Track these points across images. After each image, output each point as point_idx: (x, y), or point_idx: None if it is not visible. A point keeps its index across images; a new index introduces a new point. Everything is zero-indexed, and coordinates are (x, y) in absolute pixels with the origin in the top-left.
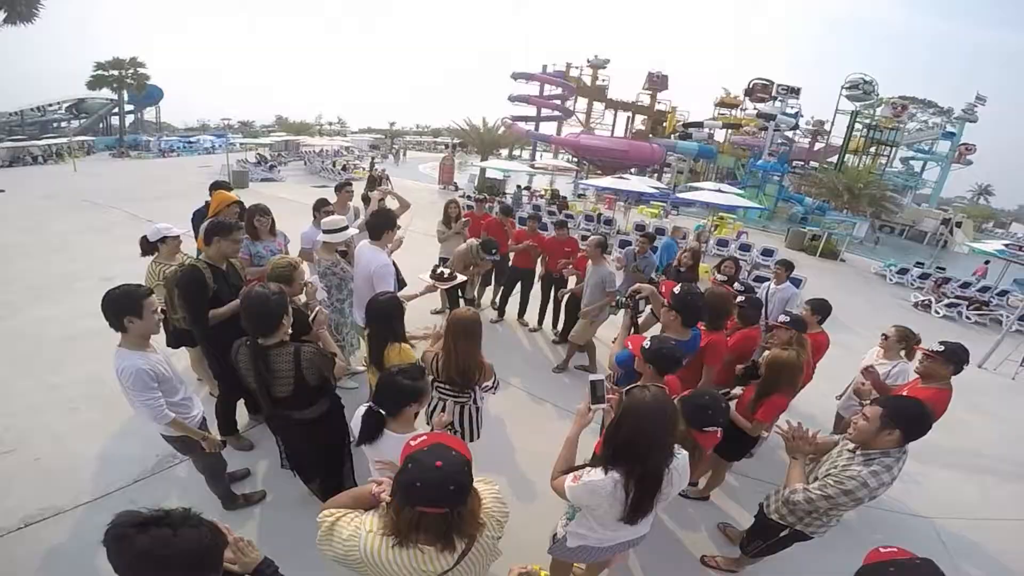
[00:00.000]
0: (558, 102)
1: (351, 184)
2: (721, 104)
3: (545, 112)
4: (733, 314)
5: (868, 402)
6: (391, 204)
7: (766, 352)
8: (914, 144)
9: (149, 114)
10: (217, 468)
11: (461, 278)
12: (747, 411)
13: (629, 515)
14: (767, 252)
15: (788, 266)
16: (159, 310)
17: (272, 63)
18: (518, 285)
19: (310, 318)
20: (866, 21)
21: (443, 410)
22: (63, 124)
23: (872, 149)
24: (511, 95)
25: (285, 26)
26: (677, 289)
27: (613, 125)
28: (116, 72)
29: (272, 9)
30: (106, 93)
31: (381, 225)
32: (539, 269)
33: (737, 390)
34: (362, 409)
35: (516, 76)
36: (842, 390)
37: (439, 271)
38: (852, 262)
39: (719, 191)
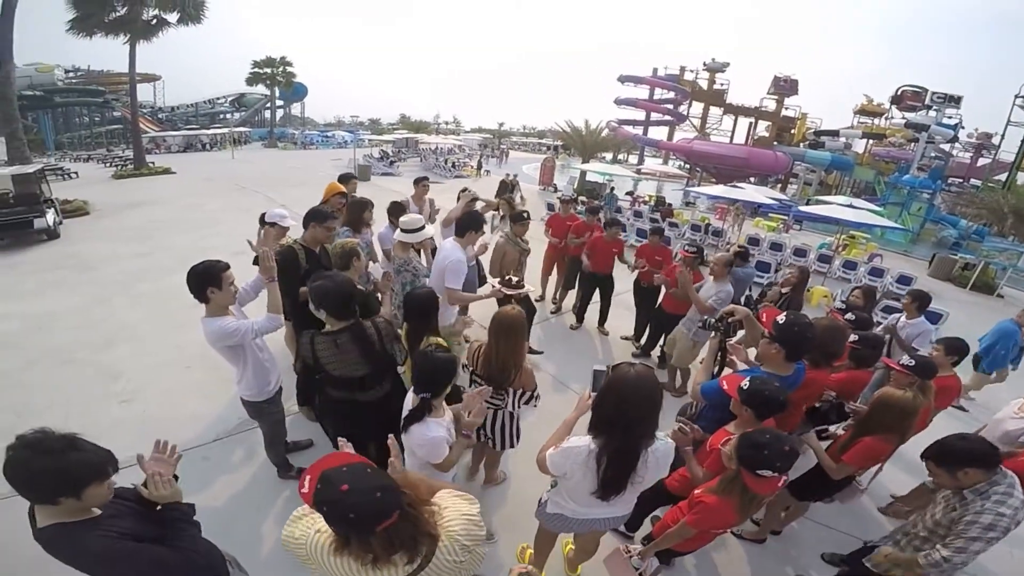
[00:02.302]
0: (670, 106)
1: (428, 178)
2: (861, 112)
3: (655, 116)
4: (844, 353)
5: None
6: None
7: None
8: None
9: (296, 109)
10: (277, 435)
11: (529, 287)
12: (837, 451)
13: (600, 489)
14: (904, 280)
15: (921, 298)
16: (234, 282)
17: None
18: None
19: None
20: None
21: (486, 419)
22: (227, 116)
23: None
24: (618, 98)
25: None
26: (782, 319)
27: (733, 131)
28: (269, 70)
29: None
30: (261, 89)
31: (467, 225)
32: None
33: (835, 428)
34: (410, 396)
35: (623, 79)
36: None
37: (508, 278)
38: (1013, 299)
39: (850, 206)
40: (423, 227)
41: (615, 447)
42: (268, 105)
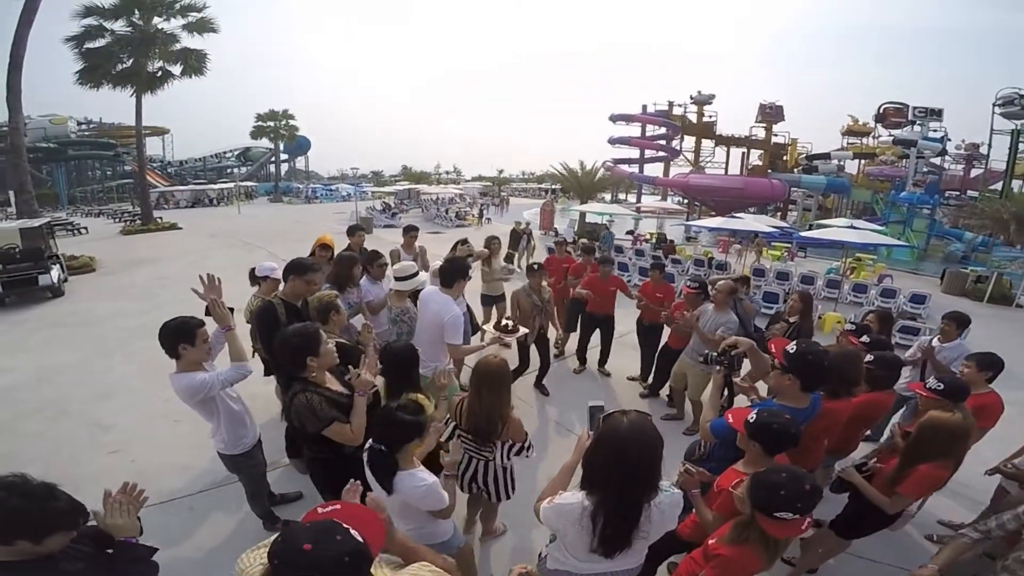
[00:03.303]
0: (663, 142)
1: (416, 228)
2: (849, 132)
3: (649, 153)
4: (862, 381)
5: None
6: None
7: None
8: None
9: (300, 163)
10: (259, 488)
11: (523, 330)
12: (887, 484)
13: (600, 547)
14: (917, 298)
15: (960, 321)
16: (208, 339)
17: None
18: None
19: (351, 377)
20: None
21: (468, 468)
22: (234, 170)
23: None
24: (611, 138)
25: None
26: (792, 347)
27: (727, 162)
28: (272, 123)
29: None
30: (265, 142)
31: (453, 274)
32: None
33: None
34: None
35: (615, 118)
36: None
37: (503, 323)
38: None
39: (851, 227)
40: (416, 274)
41: (611, 505)
42: (272, 159)
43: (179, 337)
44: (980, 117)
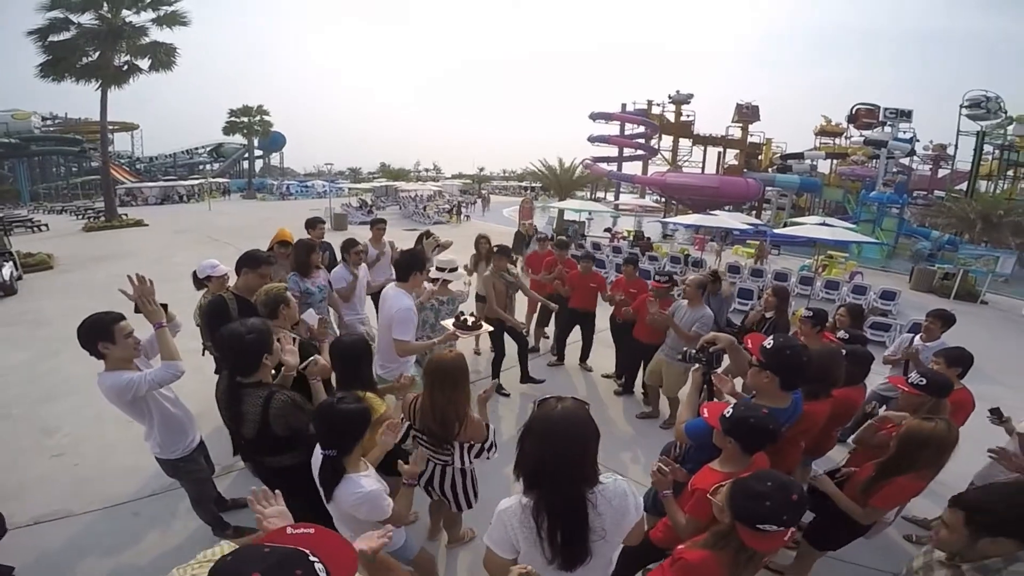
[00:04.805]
0: (641, 141)
1: (384, 221)
2: (821, 132)
3: (628, 151)
4: (842, 380)
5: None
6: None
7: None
8: None
9: (275, 159)
10: (203, 494)
11: (487, 327)
12: (860, 492)
13: (554, 554)
14: (888, 295)
15: (945, 319)
16: (132, 333)
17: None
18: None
19: (304, 366)
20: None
21: (433, 474)
22: (206, 166)
23: (1010, 172)
24: (591, 136)
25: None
26: (770, 342)
27: (703, 161)
28: (245, 119)
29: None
30: (239, 138)
31: (408, 266)
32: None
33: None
34: (318, 456)
35: (595, 116)
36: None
37: (463, 319)
38: (996, 304)
39: (825, 225)
40: (456, 268)
41: (550, 501)
42: (246, 155)
43: (95, 335)
44: (947, 119)
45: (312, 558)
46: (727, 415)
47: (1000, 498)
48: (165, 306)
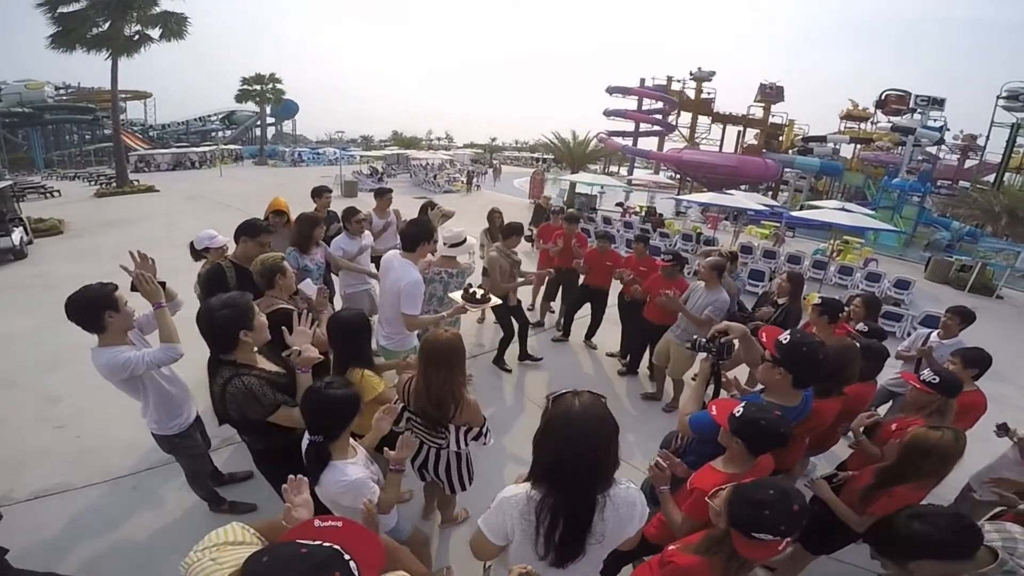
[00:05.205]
0: (659, 116)
1: (391, 190)
2: (847, 117)
3: (644, 127)
4: (856, 378)
5: None
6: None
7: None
8: None
9: (288, 126)
10: (199, 470)
11: (496, 300)
12: (858, 499)
13: (548, 550)
14: (902, 284)
15: (965, 316)
16: (127, 303)
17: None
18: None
19: (289, 353)
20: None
21: (418, 454)
22: (218, 133)
23: None
24: (606, 109)
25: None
26: (786, 337)
27: (722, 140)
28: (258, 87)
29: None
30: (251, 106)
31: (416, 237)
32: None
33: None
34: (305, 443)
35: (612, 90)
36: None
37: (471, 291)
38: (1012, 299)
39: (843, 210)
40: (464, 240)
41: (560, 501)
42: (258, 123)
43: (103, 305)
44: (984, 109)
45: (346, 556)
46: (737, 415)
47: (904, 525)
48: (163, 284)
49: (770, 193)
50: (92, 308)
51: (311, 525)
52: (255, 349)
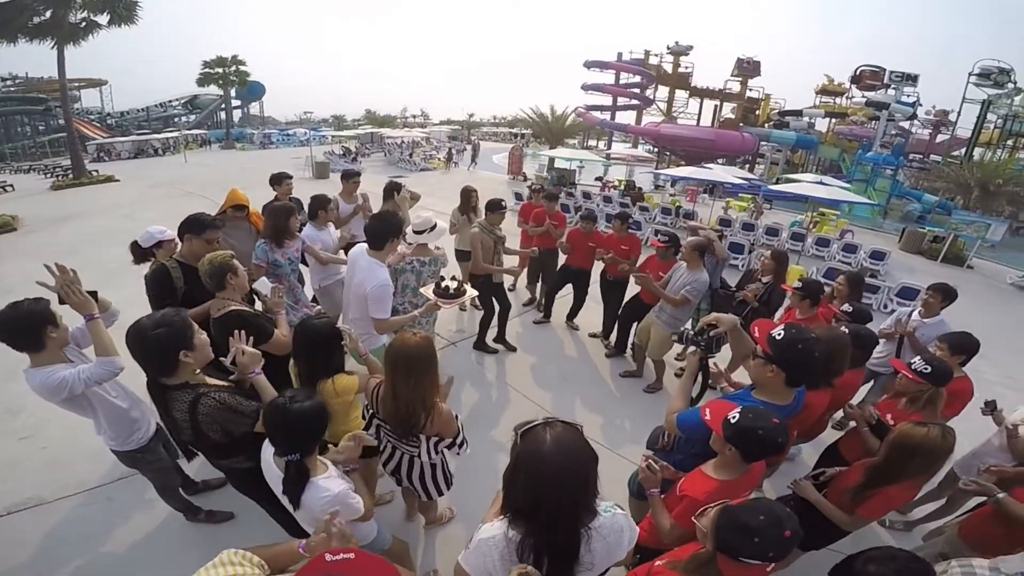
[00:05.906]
0: (636, 90)
1: (358, 174)
2: (823, 91)
3: (622, 101)
4: (846, 368)
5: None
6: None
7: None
8: None
9: (255, 108)
10: (167, 483)
11: (471, 292)
12: (847, 499)
13: None
14: (877, 255)
15: (946, 293)
16: (61, 317)
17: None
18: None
19: (231, 361)
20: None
21: (391, 458)
22: (181, 119)
23: (1009, 142)
24: (584, 84)
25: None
26: (779, 333)
27: (699, 114)
28: (220, 70)
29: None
30: (214, 90)
31: (384, 232)
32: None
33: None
34: (269, 459)
35: (589, 64)
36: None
37: (444, 285)
38: (982, 269)
39: (820, 183)
40: (435, 226)
41: (541, 541)
42: (223, 106)
43: (39, 324)
44: (956, 85)
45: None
46: (732, 421)
47: (860, 569)
48: (94, 293)
49: (747, 166)
50: (32, 325)
51: (321, 560)
52: (196, 371)
